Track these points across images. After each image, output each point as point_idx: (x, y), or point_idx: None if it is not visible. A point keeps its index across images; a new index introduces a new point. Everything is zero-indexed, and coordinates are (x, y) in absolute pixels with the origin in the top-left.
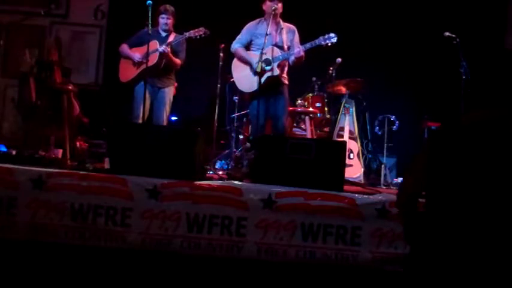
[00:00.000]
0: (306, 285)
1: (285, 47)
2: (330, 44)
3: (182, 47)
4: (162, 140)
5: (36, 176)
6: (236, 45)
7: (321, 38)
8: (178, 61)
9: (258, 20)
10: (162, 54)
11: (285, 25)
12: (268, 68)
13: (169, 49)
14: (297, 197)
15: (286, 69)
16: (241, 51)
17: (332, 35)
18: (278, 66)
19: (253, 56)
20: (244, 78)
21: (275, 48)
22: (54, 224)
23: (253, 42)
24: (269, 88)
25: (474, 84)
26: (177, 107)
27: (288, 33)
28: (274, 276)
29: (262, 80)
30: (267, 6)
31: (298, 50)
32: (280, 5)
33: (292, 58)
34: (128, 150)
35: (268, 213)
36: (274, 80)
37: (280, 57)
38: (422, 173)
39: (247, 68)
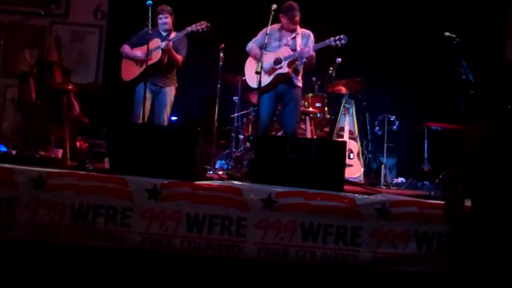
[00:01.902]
0: (306, 285)
1: (298, 49)
2: (339, 46)
3: (183, 44)
4: (162, 140)
5: (36, 176)
6: (251, 44)
7: (331, 38)
8: (179, 57)
9: (275, 25)
10: (165, 50)
11: (301, 30)
12: (278, 66)
13: (171, 44)
14: (297, 197)
15: (300, 72)
16: (255, 49)
17: (342, 36)
18: (288, 65)
19: (267, 55)
20: (252, 74)
21: (287, 48)
22: (54, 224)
23: (268, 45)
24: (281, 88)
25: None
26: (177, 107)
27: (303, 38)
28: (274, 276)
29: (272, 77)
30: (285, 19)
31: (308, 49)
32: (298, 13)
33: (303, 60)
34: (128, 150)
35: (268, 213)
36: (285, 79)
37: (291, 57)
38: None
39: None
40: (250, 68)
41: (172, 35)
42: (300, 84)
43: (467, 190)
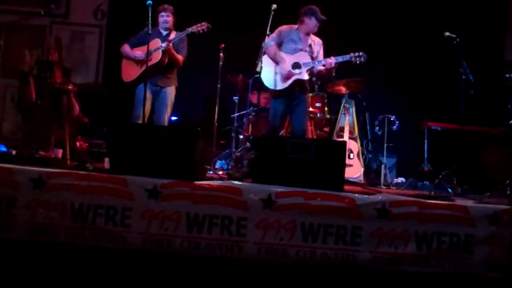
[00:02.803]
0: (306, 285)
1: (313, 56)
2: (358, 63)
3: (184, 44)
4: (162, 140)
5: (36, 176)
6: (271, 42)
7: (352, 54)
8: (180, 57)
9: (291, 25)
10: (165, 51)
11: (314, 37)
12: (297, 71)
13: (171, 45)
14: (297, 197)
15: (317, 78)
16: (275, 49)
17: (362, 54)
18: (307, 71)
19: (284, 57)
20: (269, 75)
21: (306, 54)
22: (54, 224)
23: (283, 46)
24: (294, 91)
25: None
26: (177, 107)
27: (316, 45)
28: (274, 276)
29: (290, 82)
30: (312, 21)
31: (330, 61)
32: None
33: (319, 67)
34: (127, 150)
35: (268, 213)
36: (301, 84)
37: (311, 64)
38: None
39: (274, 66)
40: (266, 67)
41: (173, 34)
42: (308, 86)
43: None
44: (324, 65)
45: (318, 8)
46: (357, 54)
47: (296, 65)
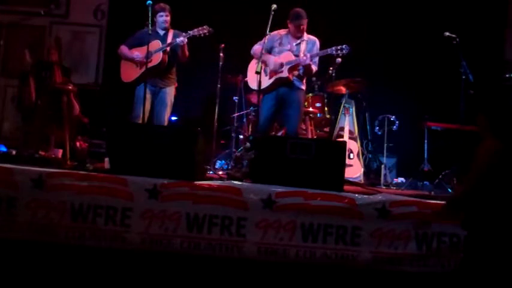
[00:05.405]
0: (306, 285)
1: (301, 55)
2: (341, 55)
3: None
4: (162, 140)
5: (36, 176)
6: (257, 46)
7: (334, 48)
8: (187, 53)
9: (282, 30)
10: (182, 46)
11: (307, 36)
12: (279, 70)
13: (186, 40)
14: (297, 197)
15: (303, 75)
16: (260, 52)
17: (344, 46)
18: (289, 70)
19: (270, 58)
20: (256, 78)
21: (290, 53)
22: (54, 224)
23: (273, 50)
24: (282, 90)
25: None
26: (177, 107)
27: (308, 44)
28: (274, 276)
29: (272, 80)
30: (292, 26)
31: (305, 58)
32: (305, 21)
33: (301, 68)
34: (128, 150)
35: (268, 213)
36: (285, 82)
37: (292, 62)
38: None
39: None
40: (252, 69)
41: (170, 33)
42: (302, 87)
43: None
44: (302, 64)
45: (300, 13)
46: (339, 47)
47: (280, 65)
